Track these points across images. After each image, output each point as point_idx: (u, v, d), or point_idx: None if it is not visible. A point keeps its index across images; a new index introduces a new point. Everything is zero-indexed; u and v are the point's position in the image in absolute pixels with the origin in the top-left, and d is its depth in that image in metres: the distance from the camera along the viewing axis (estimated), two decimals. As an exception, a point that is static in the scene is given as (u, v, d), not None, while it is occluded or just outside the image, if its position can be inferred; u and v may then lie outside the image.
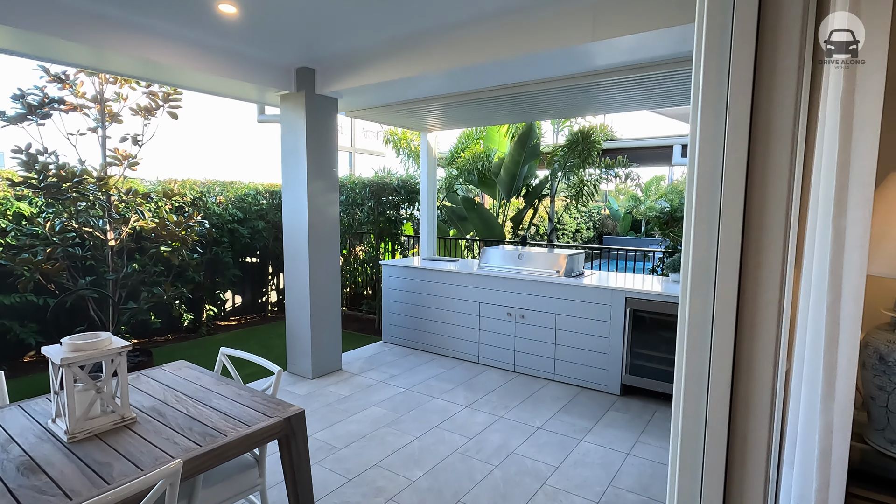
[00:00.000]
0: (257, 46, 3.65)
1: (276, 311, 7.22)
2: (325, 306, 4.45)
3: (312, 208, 4.23)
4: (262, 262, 7.05)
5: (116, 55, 3.17)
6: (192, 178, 6.23)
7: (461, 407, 3.79)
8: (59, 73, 3.85)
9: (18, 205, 4.53)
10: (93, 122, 4.10)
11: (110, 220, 4.16)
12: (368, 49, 3.72)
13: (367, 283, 7.00)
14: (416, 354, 5.11)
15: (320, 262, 4.36)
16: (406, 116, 5.13)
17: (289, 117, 4.25)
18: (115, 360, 1.76)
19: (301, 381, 4.31)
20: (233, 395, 2.05)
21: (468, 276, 4.80)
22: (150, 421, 1.80)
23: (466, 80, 3.80)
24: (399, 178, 6.93)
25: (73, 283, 4.10)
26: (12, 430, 1.72)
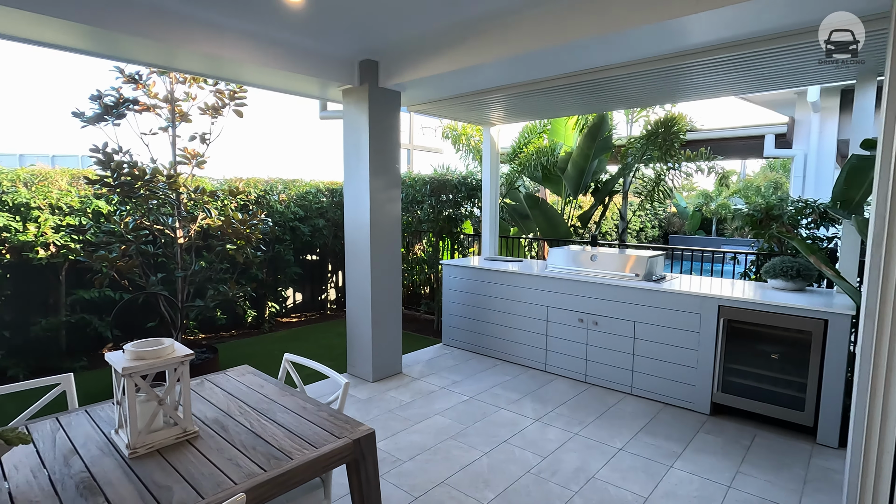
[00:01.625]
0: (321, 39, 3.53)
1: (335, 308, 7.22)
2: (386, 306, 4.30)
3: (374, 205, 4.09)
4: (321, 259, 7.06)
5: (185, 52, 3.15)
6: (257, 177, 6.31)
7: (531, 420, 3.51)
8: (133, 73, 3.92)
9: (97, 203, 4.70)
10: (164, 122, 4.16)
11: (179, 218, 4.21)
12: (433, 37, 3.51)
13: (426, 283, 6.84)
14: (477, 359, 4.87)
15: (381, 260, 4.21)
16: (468, 110, 4.90)
17: (351, 112, 4.13)
18: (178, 369, 1.64)
19: (362, 384, 4.19)
20: (297, 409, 1.89)
21: (534, 277, 4.50)
22: (213, 436, 1.67)
23: (534, 68, 3.51)
24: (459, 175, 6.72)
25: (146, 280, 4.19)
26: (77, 440, 1.63)
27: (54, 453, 1.55)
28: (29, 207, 4.34)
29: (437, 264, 6.37)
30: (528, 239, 7.30)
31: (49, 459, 1.52)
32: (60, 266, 4.52)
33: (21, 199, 4.30)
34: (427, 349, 5.23)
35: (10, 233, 4.21)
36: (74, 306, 4.62)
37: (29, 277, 4.41)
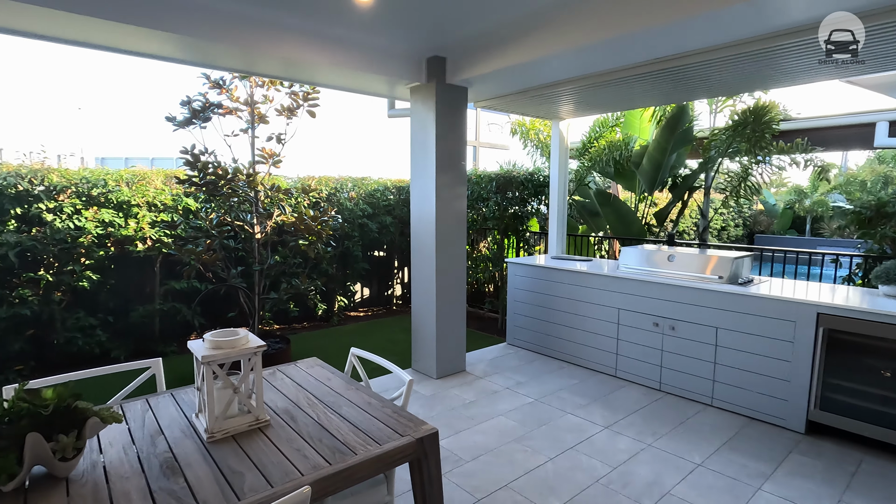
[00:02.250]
0: (389, 37, 3.57)
1: (401, 304, 7.34)
2: (451, 303, 4.29)
3: (440, 202, 4.09)
4: (388, 256, 7.21)
5: (264, 56, 3.30)
6: (328, 175, 6.55)
7: (599, 427, 3.35)
8: (217, 79, 4.18)
9: (187, 201, 5.09)
10: (244, 124, 4.41)
11: (257, 214, 4.45)
12: (501, 30, 3.43)
13: (490, 281, 6.77)
14: (543, 360, 4.74)
15: (446, 257, 4.20)
16: (537, 104, 4.76)
17: (419, 110, 4.14)
18: (252, 359, 1.70)
19: (425, 380, 4.21)
20: (362, 404, 1.91)
21: (605, 278, 4.29)
22: (283, 426, 1.72)
23: (607, 57, 3.33)
24: (525, 171, 6.58)
25: (227, 273, 4.47)
26: (163, 421, 1.75)
27: (143, 432, 1.67)
28: (130, 205, 4.78)
29: (501, 262, 6.28)
30: (598, 237, 7.01)
31: (138, 438, 1.63)
32: (155, 258, 4.93)
33: (123, 198, 4.74)
34: (491, 348, 5.17)
35: (114, 228, 4.65)
36: (167, 295, 5.03)
37: (129, 268, 4.85)
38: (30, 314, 4.21)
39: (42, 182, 4.39)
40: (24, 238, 4.21)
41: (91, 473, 1.42)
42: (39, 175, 4.40)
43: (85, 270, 4.52)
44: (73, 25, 2.73)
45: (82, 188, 4.57)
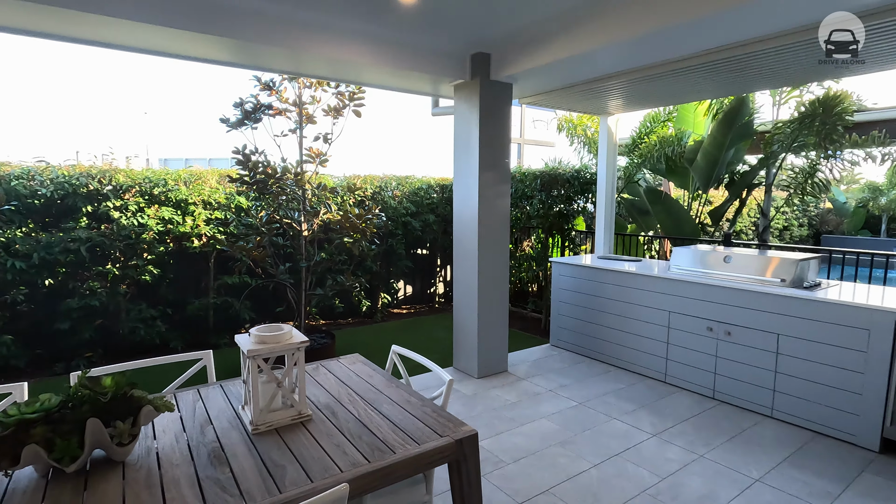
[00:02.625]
0: (433, 35, 3.56)
1: (443, 302, 7.35)
2: (493, 303, 4.24)
3: (483, 201, 4.05)
4: (431, 254, 7.23)
5: (311, 58, 3.37)
6: (373, 174, 6.64)
7: (647, 435, 3.21)
8: (268, 81, 4.32)
9: (239, 199, 5.30)
10: (293, 124, 4.53)
11: (304, 212, 4.56)
12: (547, 23, 3.34)
13: (534, 281, 6.66)
14: (587, 363, 4.61)
15: (489, 256, 4.16)
16: (584, 99, 4.62)
17: (462, 107, 4.12)
18: (295, 354, 1.73)
19: (466, 379, 4.19)
20: (402, 402, 1.91)
21: (655, 279, 4.11)
22: (324, 421, 1.74)
23: (659, 49, 3.18)
24: (572, 168, 6.41)
25: (275, 269, 4.62)
26: (212, 412, 1.81)
27: (194, 422, 1.74)
28: (187, 203, 5.02)
29: (546, 262, 6.16)
30: (648, 237, 6.75)
31: (189, 427, 1.70)
32: (210, 254, 5.17)
33: (181, 196, 4.99)
34: (534, 349, 5.08)
35: (173, 225, 4.91)
36: (220, 290, 5.26)
37: (186, 263, 5.11)
38: (98, 305, 4.51)
39: (110, 182, 4.69)
40: (94, 234, 4.52)
41: (145, 459, 1.48)
42: (108, 175, 4.70)
43: (147, 265, 4.80)
44: (136, 33, 2.89)
45: (145, 187, 4.85)
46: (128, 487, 1.33)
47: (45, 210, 4.49)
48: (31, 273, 4.27)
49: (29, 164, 4.61)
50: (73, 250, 4.40)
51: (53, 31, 2.88)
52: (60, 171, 4.58)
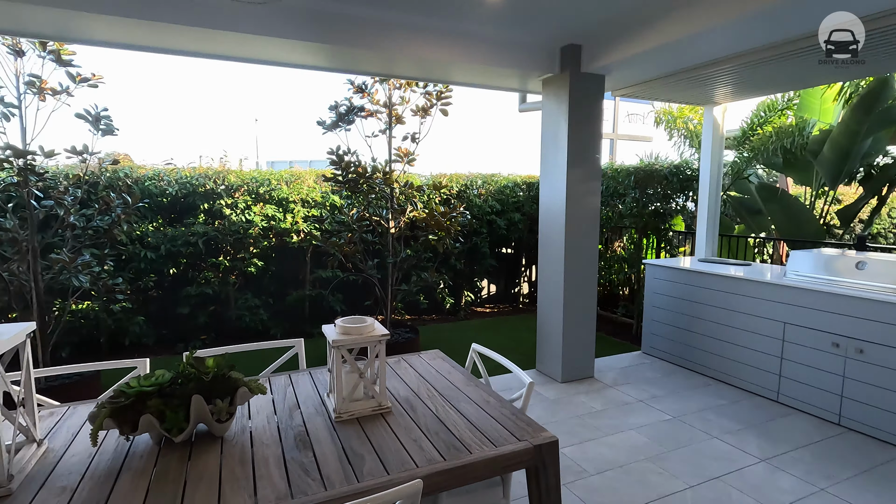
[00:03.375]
0: (521, 29, 3.48)
1: (528, 302, 7.21)
2: (580, 306, 4.06)
3: (571, 198, 3.89)
4: (516, 253, 7.13)
5: (401, 59, 3.45)
6: (458, 172, 6.68)
7: (754, 459, 2.88)
8: (360, 83, 4.50)
9: (333, 198, 5.60)
10: (383, 125, 4.69)
11: (392, 210, 4.70)
12: (644, 7, 3.11)
13: (625, 283, 6.29)
14: (684, 374, 4.25)
15: (577, 256, 3.99)
16: (686, 88, 4.26)
17: (550, 102, 3.99)
18: (376, 346, 1.77)
19: (549, 382, 4.06)
20: (481, 401, 1.88)
21: (767, 285, 3.68)
22: (403, 414, 1.76)
23: (776, 27, 2.82)
24: (670, 164, 5.96)
25: (365, 265, 4.81)
26: (300, 397, 1.91)
27: (284, 405, 1.84)
28: (288, 201, 5.41)
29: (639, 264, 5.79)
30: (760, 239, 6.08)
31: (280, 410, 1.80)
32: (307, 249, 5.52)
33: (283, 195, 5.38)
34: (623, 356, 4.79)
35: (275, 221, 5.31)
36: (315, 282, 5.60)
37: (286, 257, 5.50)
38: (212, 293, 5.01)
39: (223, 182, 5.19)
40: (209, 229, 5.02)
41: (240, 436, 1.60)
42: (221, 176, 5.20)
43: (252, 258, 5.24)
44: (246, 45, 3.14)
45: (252, 187, 5.30)
46: (224, 461, 1.44)
47: (171, 207, 5.08)
48: (159, 262, 4.85)
49: (159, 166, 5.25)
50: (193, 243, 4.93)
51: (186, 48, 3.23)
52: (184, 172, 5.15)
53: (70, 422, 1.69)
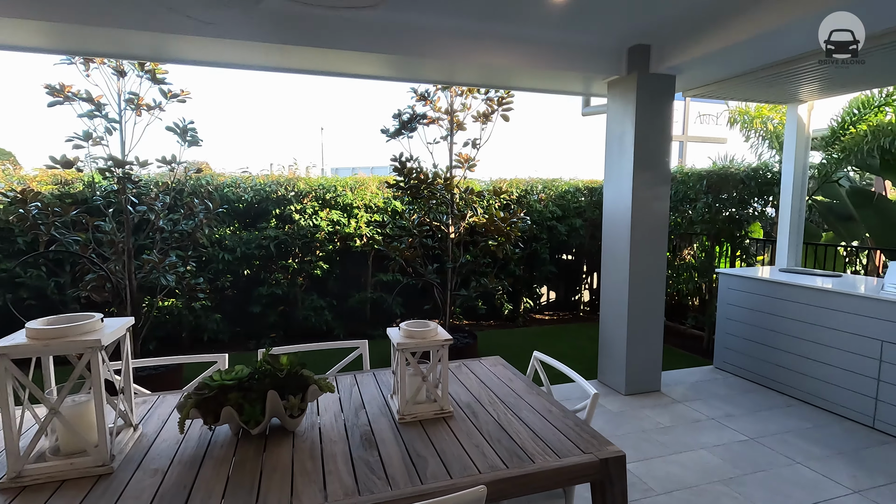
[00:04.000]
0: (586, 31, 3.41)
1: (588, 311, 7.01)
2: (645, 315, 3.90)
3: (637, 203, 3.75)
4: (577, 259, 6.96)
5: (463, 66, 3.49)
6: (518, 177, 6.63)
7: (846, 490, 2.62)
8: (423, 91, 4.59)
9: (395, 203, 5.73)
10: (444, 132, 4.75)
11: (452, 215, 4.75)
12: (719, 2, 2.95)
13: (695, 293, 5.96)
14: (761, 393, 3.96)
15: (642, 264, 3.83)
16: (767, 86, 3.99)
17: (616, 104, 3.87)
18: (439, 351, 1.79)
19: (612, 394, 3.91)
20: (543, 410, 1.85)
21: (863, 299, 3.35)
22: (465, 419, 1.77)
23: (872, 16, 2.56)
24: (746, 167, 5.59)
25: (424, 269, 4.88)
26: (365, 397, 1.97)
27: (350, 404, 1.91)
28: (352, 207, 5.60)
29: (711, 273, 5.47)
30: (851, 247, 5.55)
31: (346, 408, 1.87)
32: (369, 253, 5.68)
33: (347, 201, 5.58)
34: (693, 369, 4.54)
35: (340, 226, 5.52)
36: (376, 286, 5.76)
37: (349, 261, 5.70)
38: (281, 293, 5.28)
39: (293, 188, 5.47)
40: (280, 233, 5.30)
41: (310, 432, 1.67)
42: (291, 183, 5.48)
43: (318, 261, 5.47)
44: (320, 58, 3.31)
45: (319, 193, 5.54)
46: (296, 455, 1.51)
47: (246, 212, 5.41)
48: (235, 264, 5.18)
49: (236, 174, 5.61)
50: (265, 246, 5.23)
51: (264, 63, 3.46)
52: (258, 179, 5.48)
53: (160, 410, 1.85)
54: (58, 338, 1.34)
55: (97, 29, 2.81)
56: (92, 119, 3.72)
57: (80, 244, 3.73)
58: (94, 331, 1.41)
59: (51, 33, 2.92)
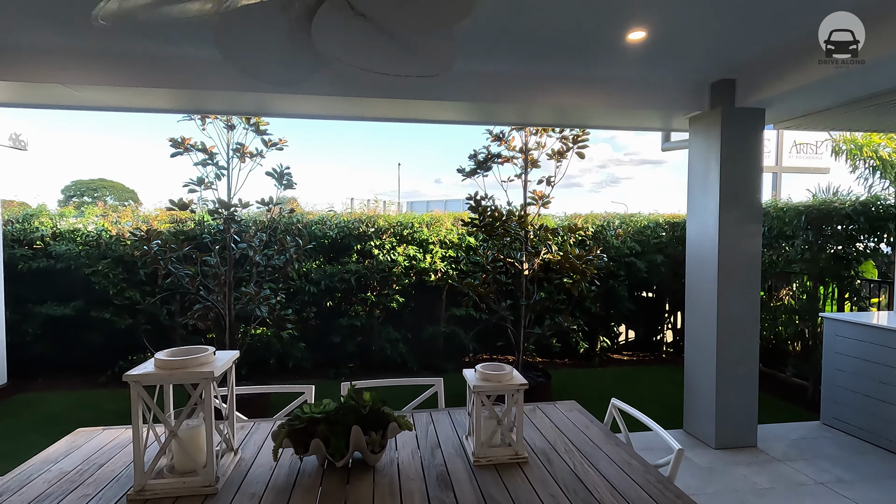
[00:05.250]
0: (665, 68, 3.37)
1: (672, 352, 6.59)
2: (737, 361, 3.62)
3: (724, 242, 3.55)
4: (658, 297, 6.62)
5: (537, 108, 3.58)
6: (594, 212, 6.51)
7: None
8: (498, 132, 4.73)
9: (470, 239, 5.85)
10: (518, 170, 4.83)
11: (526, 252, 4.76)
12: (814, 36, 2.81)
13: (795, 338, 5.42)
14: (881, 456, 3.48)
15: (732, 305, 3.59)
16: (875, 116, 3.67)
17: (698, 140, 3.75)
18: (515, 395, 1.81)
19: (700, 447, 3.63)
20: (622, 462, 1.78)
21: None
22: (539, 466, 1.75)
23: None
24: (853, 199, 5.09)
25: (498, 305, 4.90)
26: (441, 436, 2.02)
27: (426, 442, 1.96)
28: (427, 242, 5.79)
29: (814, 316, 4.97)
30: None
31: (423, 446, 1.92)
32: (443, 288, 5.81)
33: (423, 237, 5.78)
34: (795, 424, 4.10)
35: (416, 261, 5.71)
36: (449, 320, 5.84)
37: (424, 295, 5.85)
38: (359, 325, 5.52)
39: (373, 225, 5.77)
40: (360, 267, 5.59)
41: (389, 468, 1.74)
42: (372, 220, 5.80)
43: (395, 294, 5.67)
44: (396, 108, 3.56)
45: (397, 229, 5.80)
46: (376, 490, 1.58)
47: (331, 247, 5.78)
48: (318, 296, 5.52)
49: (322, 211, 6.04)
50: (346, 280, 5.53)
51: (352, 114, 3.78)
52: (342, 217, 5.85)
53: (256, 436, 2.01)
54: (179, 368, 1.54)
55: (214, 92, 3.24)
56: (205, 167, 4.24)
57: (190, 277, 4.19)
58: (208, 363, 1.60)
59: (178, 98, 3.42)
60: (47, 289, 5.23)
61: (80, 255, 5.22)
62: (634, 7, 2.47)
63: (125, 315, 5.21)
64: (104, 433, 2.04)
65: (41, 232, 5.32)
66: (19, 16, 2.54)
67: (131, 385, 1.50)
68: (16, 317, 5.06)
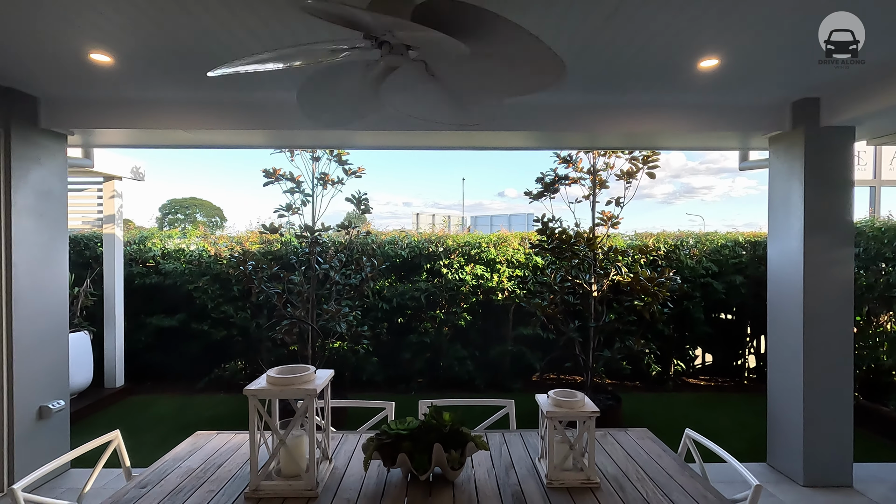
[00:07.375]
0: (740, 91, 3.31)
1: (755, 378, 6.21)
2: (828, 392, 3.41)
3: (810, 268, 3.38)
4: (738, 320, 6.28)
5: (604, 134, 3.63)
6: (666, 231, 6.34)
7: None
8: (565, 155, 4.79)
9: (536, 259, 5.91)
10: (586, 191, 4.85)
11: (594, 274, 4.75)
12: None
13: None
14: None
15: (821, 333, 3.40)
16: None
17: (779, 160, 3.62)
18: (587, 422, 1.88)
19: (786, 483, 3.44)
20: (697, 495, 1.80)
21: None
22: (612, 493, 1.81)
23: None
24: (968, 217, 4.61)
25: (566, 326, 4.91)
26: (514, 457, 2.12)
27: (500, 462, 2.08)
28: (494, 262, 5.92)
29: (921, 345, 4.52)
30: None
31: (497, 466, 2.04)
32: (510, 307, 5.89)
33: (490, 256, 5.92)
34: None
35: (483, 280, 5.85)
36: (516, 339, 5.90)
37: (491, 314, 5.96)
38: (428, 342, 5.73)
39: (442, 245, 6.00)
40: (430, 286, 5.82)
41: (467, 485, 1.87)
42: (441, 240, 6.02)
43: (463, 312, 5.83)
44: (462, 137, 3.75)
45: (465, 249, 5.98)
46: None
47: (402, 266, 6.07)
48: (391, 313, 5.80)
49: (394, 232, 6.36)
50: (416, 298, 5.77)
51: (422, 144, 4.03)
52: (413, 237, 6.13)
53: (345, 447, 2.23)
54: (288, 385, 1.78)
55: (302, 131, 3.60)
56: (293, 194, 4.66)
57: (278, 294, 4.60)
58: (311, 381, 1.83)
59: (271, 136, 3.82)
60: (157, 302, 5.91)
61: (184, 273, 5.86)
62: (704, 38, 2.49)
63: (220, 327, 5.77)
64: (218, 436, 2.34)
65: (153, 252, 6.04)
66: (156, 76, 3.01)
67: (249, 398, 1.76)
68: (131, 327, 5.77)
